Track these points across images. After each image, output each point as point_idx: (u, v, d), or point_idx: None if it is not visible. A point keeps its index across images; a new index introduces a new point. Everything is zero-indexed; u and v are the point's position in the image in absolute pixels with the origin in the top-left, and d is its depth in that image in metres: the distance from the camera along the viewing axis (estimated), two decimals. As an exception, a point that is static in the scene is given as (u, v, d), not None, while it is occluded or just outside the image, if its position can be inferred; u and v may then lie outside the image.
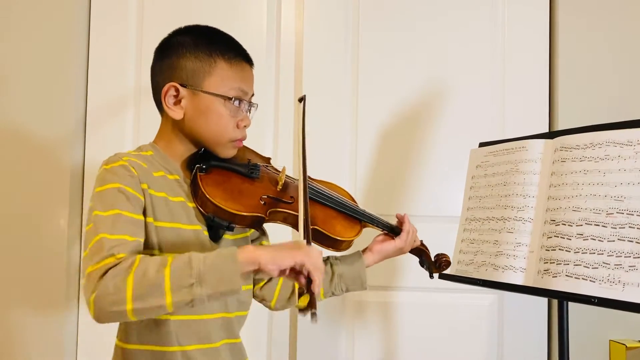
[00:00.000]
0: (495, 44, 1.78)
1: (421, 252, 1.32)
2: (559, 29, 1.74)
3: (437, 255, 1.32)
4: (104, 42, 1.83)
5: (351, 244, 1.21)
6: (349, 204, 1.24)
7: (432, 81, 1.79)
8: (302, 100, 1.17)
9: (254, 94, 1.13)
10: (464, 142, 1.52)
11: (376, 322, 1.76)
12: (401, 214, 1.30)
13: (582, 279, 1.01)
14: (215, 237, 1.08)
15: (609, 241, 1.00)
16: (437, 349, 1.73)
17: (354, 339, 1.76)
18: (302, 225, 1.00)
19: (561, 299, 1.16)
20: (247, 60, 1.12)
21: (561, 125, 1.71)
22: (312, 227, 1.12)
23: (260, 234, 1.25)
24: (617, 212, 1.00)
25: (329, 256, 1.27)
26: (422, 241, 1.33)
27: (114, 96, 1.82)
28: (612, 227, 1.00)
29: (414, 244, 1.30)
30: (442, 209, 1.75)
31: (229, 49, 1.09)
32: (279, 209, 1.11)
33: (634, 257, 0.96)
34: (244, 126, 1.10)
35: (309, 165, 1.09)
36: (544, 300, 1.71)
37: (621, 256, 0.98)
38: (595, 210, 1.04)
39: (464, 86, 1.78)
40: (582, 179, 1.08)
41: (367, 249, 1.29)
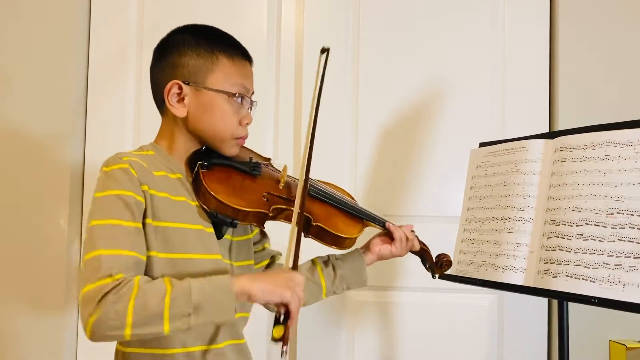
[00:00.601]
0: (495, 44, 1.78)
1: (423, 254, 1.32)
2: (559, 29, 1.74)
3: (439, 255, 1.31)
4: (104, 41, 1.83)
5: (354, 241, 1.21)
6: (350, 202, 1.25)
7: (432, 81, 1.78)
8: (324, 51, 1.13)
9: (254, 92, 1.13)
10: (464, 142, 1.52)
11: (376, 322, 1.76)
12: (389, 223, 1.26)
13: (582, 279, 1.01)
14: (218, 234, 1.08)
15: (609, 241, 1.00)
16: (437, 349, 1.73)
17: (354, 339, 1.76)
18: (293, 247, 1.02)
19: (561, 299, 1.16)
20: (247, 57, 1.12)
21: (561, 125, 1.70)
22: (315, 224, 1.14)
23: (261, 236, 1.26)
24: (618, 213, 1.00)
25: (330, 255, 1.27)
26: (423, 242, 1.32)
27: (114, 95, 1.82)
28: (612, 228, 1.00)
29: (413, 248, 1.29)
30: (442, 209, 1.74)
31: (229, 46, 1.09)
32: (281, 207, 1.11)
33: (634, 258, 0.96)
34: (247, 123, 1.11)
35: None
36: (544, 300, 1.71)
37: (621, 256, 0.97)
38: (595, 210, 1.04)
39: (464, 86, 1.78)
40: (582, 179, 1.08)
41: (366, 249, 1.28)
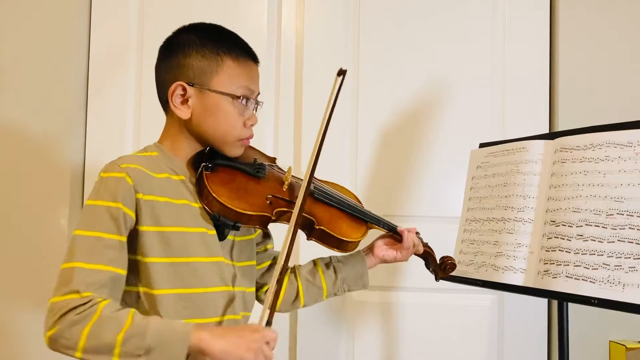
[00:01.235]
0: (495, 44, 1.78)
1: (427, 256, 1.30)
2: (559, 29, 1.74)
3: (443, 258, 1.28)
4: (104, 41, 1.83)
5: (357, 244, 1.19)
6: (354, 205, 1.23)
7: (432, 81, 1.78)
8: (341, 74, 1.12)
9: (259, 93, 1.12)
10: (464, 142, 1.52)
11: (376, 322, 1.76)
12: (402, 229, 1.24)
13: (582, 279, 1.01)
14: (220, 236, 1.07)
15: (609, 242, 1.00)
16: (437, 349, 1.73)
17: (354, 339, 1.76)
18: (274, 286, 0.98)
19: (561, 300, 1.16)
20: (254, 58, 1.11)
21: (562, 126, 1.70)
22: (318, 227, 1.13)
23: (264, 237, 1.26)
24: (617, 213, 1.00)
25: (332, 257, 1.26)
26: (427, 245, 1.29)
27: (115, 95, 1.82)
28: (612, 228, 1.00)
29: (416, 252, 1.26)
30: (442, 209, 1.74)
31: (235, 47, 1.08)
32: (284, 209, 1.10)
33: (634, 258, 0.96)
34: (251, 125, 1.10)
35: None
36: (544, 301, 1.71)
37: (621, 257, 0.97)
38: (595, 211, 1.04)
39: (465, 86, 1.78)
40: (582, 180, 1.08)
41: (369, 251, 1.27)
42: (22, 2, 1.78)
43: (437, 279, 1.30)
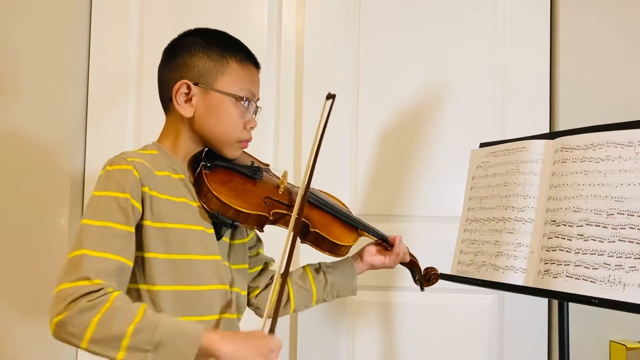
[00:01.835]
0: (496, 44, 1.78)
1: (412, 266, 1.35)
2: (560, 29, 1.74)
3: (427, 269, 1.35)
4: (104, 44, 1.83)
5: (349, 249, 1.23)
6: (346, 212, 1.28)
7: (432, 81, 1.78)
8: (330, 98, 1.15)
9: (259, 98, 1.15)
10: (465, 142, 1.52)
11: (376, 322, 1.76)
12: (393, 236, 1.30)
13: (583, 279, 1.01)
14: (217, 235, 1.08)
15: (609, 242, 1.00)
16: (437, 349, 1.73)
17: (354, 339, 1.76)
18: (275, 295, 0.99)
19: (561, 300, 1.16)
20: (256, 64, 1.14)
21: (562, 125, 1.70)
22: (313, 231, 1.15)
23: (256, 241, 1.28)
24: (618, 213, 1.00)
25: (321, 263, 1.29)
26: (412, 255, 1.35)
27: (115, 97, 1.82)
28: (612, 228, 1.00)
29: (403, 260, 1.32)
30: (442, 209, 1.74)
31: (240, 51, 1.11)
32: (281, 211, 1.12)
33: (635, 258, 0.96)
34: (251, 128, 1.12)
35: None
36: (544, 300, 1.71)
37: (622, 257, 0.97)
38: (595, 210, 1.04)
39: (465, 86, 1.78)
40: (582, 180, 1.08)
41: (358, 257, 1.31)
42: (23, 11, 1.78)
43: (422, 289, 1.35)
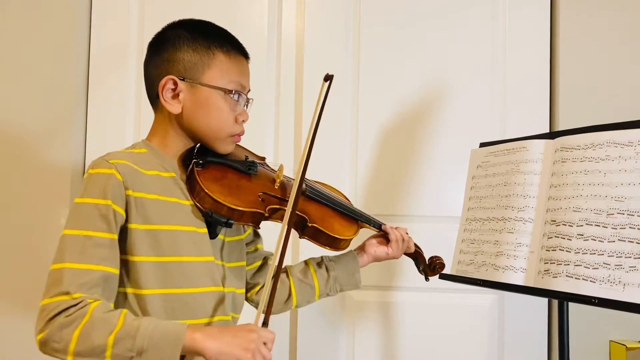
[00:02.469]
0: (496, 44, 1.78)
1: (417, 256, 1.32)
2: (560, 29, 1.74)
3: (431, 258, 1.32)
4: (105, 39, 1.83)
5: (349, 243, 1.21)
6: (346, 204, 1.25)
7: (433, 81, 1.78)
8: (327, 79, 1.12)
9: (250, 90, 1.11)
10: (465, 142, 1.52)
11: (376, 322, 1.76)
12: (387, 225, 1.27)
13: (583, 279, 1.01)
14: (212, 234, 1.06)
15: (609, 242, 1.00)
16: (437, 349, 1.73)
17: (354, 339, 1.76)
18: (267, 298, 0.97)
19: (561, 300, 1.16)
20: (244, 53, 1.10)
21: (562, 125, 1.70)
22: (311, 225, 1.13)
23: (254, 237, 1.25)
24: (618, 213, 1.00)
25: (323, 256, 1.27)
26: (417, 245, 1.32)
27: (115, 94, 1.82)
28: (612, 228, 1.00)
29: (407, 250, 1.29)
30: (442, 209, 1.74)
31: (226, 42, 1.07)
32: (276, 206, 1.09)
33: (635, 258, 0.96)
34: (242, 121, 1.09)
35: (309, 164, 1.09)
36: (544, 300, 1.71)
37: (622, 257, 0.97)
38: (595, 210, 1.04)
39: (465, 86, 1.78)
40: (582, 180, 1.08)
41: (361, 250, 1.28)
42: (22, 4, 1.78)
43: (427, 279, 1.33)
